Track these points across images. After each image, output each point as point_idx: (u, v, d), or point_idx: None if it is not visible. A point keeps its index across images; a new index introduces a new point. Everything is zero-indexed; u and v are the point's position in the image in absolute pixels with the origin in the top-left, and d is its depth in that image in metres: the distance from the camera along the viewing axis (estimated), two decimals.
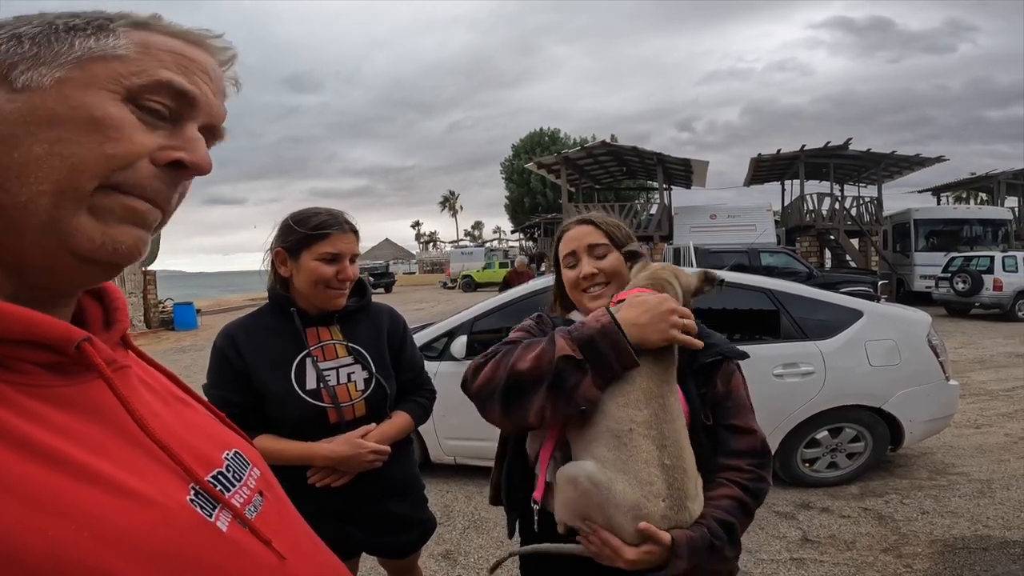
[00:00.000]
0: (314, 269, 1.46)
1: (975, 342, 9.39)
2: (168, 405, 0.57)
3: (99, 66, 0.47)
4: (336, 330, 1.56)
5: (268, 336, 1.51)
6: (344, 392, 1.51)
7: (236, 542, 0.50)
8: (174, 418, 0.56)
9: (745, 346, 3.47)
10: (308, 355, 1.50)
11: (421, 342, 3.94)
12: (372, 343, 1.59)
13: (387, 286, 32.32)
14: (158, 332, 15.15)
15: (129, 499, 0.43)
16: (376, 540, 1.61)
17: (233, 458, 0.59)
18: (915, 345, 3.65)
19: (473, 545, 3.19)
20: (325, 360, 1.52)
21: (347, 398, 1.51)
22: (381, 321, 1.66)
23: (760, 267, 11.67)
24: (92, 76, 0.46)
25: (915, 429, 3.67)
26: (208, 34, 0.53)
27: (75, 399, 0.46)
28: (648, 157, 18.04)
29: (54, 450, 0.41)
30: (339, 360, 1.53)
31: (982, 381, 6.59)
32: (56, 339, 0.44)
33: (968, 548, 2.95)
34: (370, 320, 1.63)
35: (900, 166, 18.21)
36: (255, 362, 1.46)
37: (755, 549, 3.01)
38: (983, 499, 3.51)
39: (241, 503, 0.55)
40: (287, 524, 0.61)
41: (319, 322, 1.54)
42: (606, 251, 1.28)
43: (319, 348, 1.52)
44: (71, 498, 0.40)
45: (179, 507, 0.47)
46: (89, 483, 0.42)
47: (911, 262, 15.75)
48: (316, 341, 1.52)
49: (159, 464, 0.48)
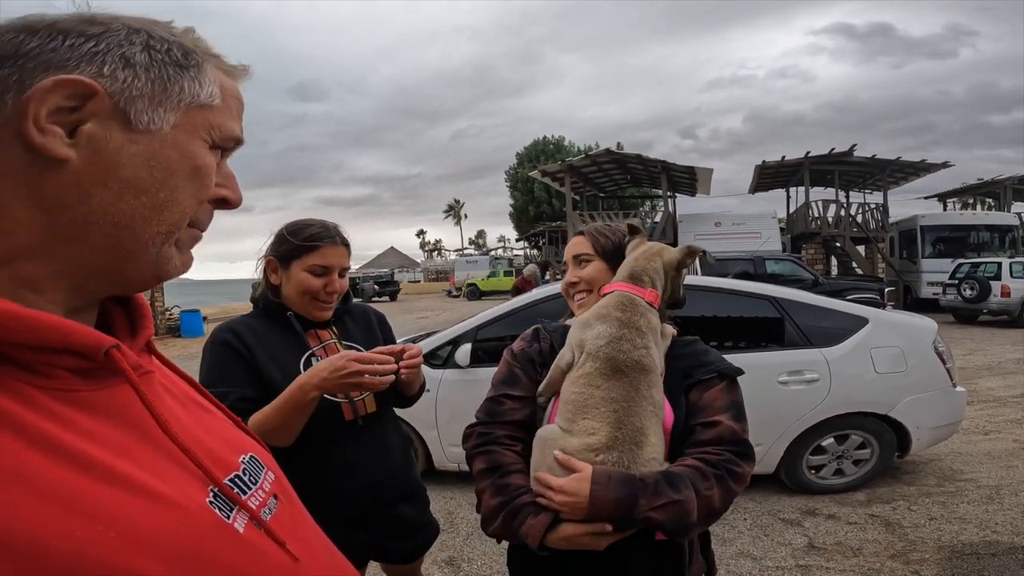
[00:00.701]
0: (302, 280, 1.48)
1: (983, 348, 9.32)
2: (187, 409, 0.58)
3: (198, 114, 0.51)
4: (332, 331, 1.59)
5: (269, 336, 1.50)
6: None
7: (252, 543, 0.51)
8: (193, 422, 0.57)
9: (750, 354, 3.53)
10: (312, 355, 1.51)
11: (426, 350, 3.96)
12: (367, 339, 1.64)
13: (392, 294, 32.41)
14: (165, 339, 15.24)
15: (152, 501, 0.44)
16: (382, 545, 1.61)
17: (249, 462, 0.60)
18: (921, 352, 3.64)
19: (476, 552, 3.19)
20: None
21: (357, 393, 1.51)
22: (369, 318, 1.73)
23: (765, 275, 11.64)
24: (194, 124, 0.51)
25: (922, 436, 3.65)
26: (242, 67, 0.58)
27: (102, 403, 0.47)
28: (652, 165, 18.05)
29: (82, 453, 0.42)
30: None
31: (990, 388, 6.54)
32: (88, 346, 0.45)
33: (977, 554, 2.92)
34: (358, 319, 1.69)
35: (905, 172, 18.14)
36: (263, 359, 1.45)
37: (760, 556, 3.00)
38: (992, 505, 3.48)
39: (257, 505, 0.56)
40: (301, 527, 0.62)
41: (315, 325, 1.56)
42: (588, 260, 1.38)
43: (321, 348, 1.54)
44: (97, 499, 0.41)
45: (199, 509, 0.48)
46: (114, 485, 0.43)
47: (918, 269, 15.68)
48: (317, 342, 1.54)
49: (180, 467, 0.49)
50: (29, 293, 0.45)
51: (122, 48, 0.47)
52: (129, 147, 0.46)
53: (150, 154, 0.47)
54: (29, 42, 0.44)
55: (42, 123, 0.43)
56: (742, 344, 3.69)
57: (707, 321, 3.64)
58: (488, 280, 31.05)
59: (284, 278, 1.52)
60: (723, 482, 1.09)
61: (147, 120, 0.47)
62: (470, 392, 3.72)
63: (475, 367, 3.76)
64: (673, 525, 1.05)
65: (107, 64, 0.46)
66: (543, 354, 1.31)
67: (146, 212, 0.47)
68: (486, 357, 3.84)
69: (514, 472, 1.17)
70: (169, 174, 0.48)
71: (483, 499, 1.19)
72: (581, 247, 1.39)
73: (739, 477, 1.12)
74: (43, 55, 0.44)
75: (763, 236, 16.05)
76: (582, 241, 1.40)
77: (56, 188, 0.44)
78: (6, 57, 0.44)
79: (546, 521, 1.08)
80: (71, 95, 0.44)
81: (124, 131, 0.46)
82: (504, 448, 1.22)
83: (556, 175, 19.59)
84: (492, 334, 3.92)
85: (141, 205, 0.47)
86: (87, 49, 0.45)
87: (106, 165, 0.45)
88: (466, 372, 3.77)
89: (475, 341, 3.84)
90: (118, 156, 0.46)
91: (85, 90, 0.44)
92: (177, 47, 0.50)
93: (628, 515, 1.04)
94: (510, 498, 1.13)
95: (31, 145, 0.43)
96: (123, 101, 0.46)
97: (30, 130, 0.42)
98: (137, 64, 0.47)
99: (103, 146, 0.45)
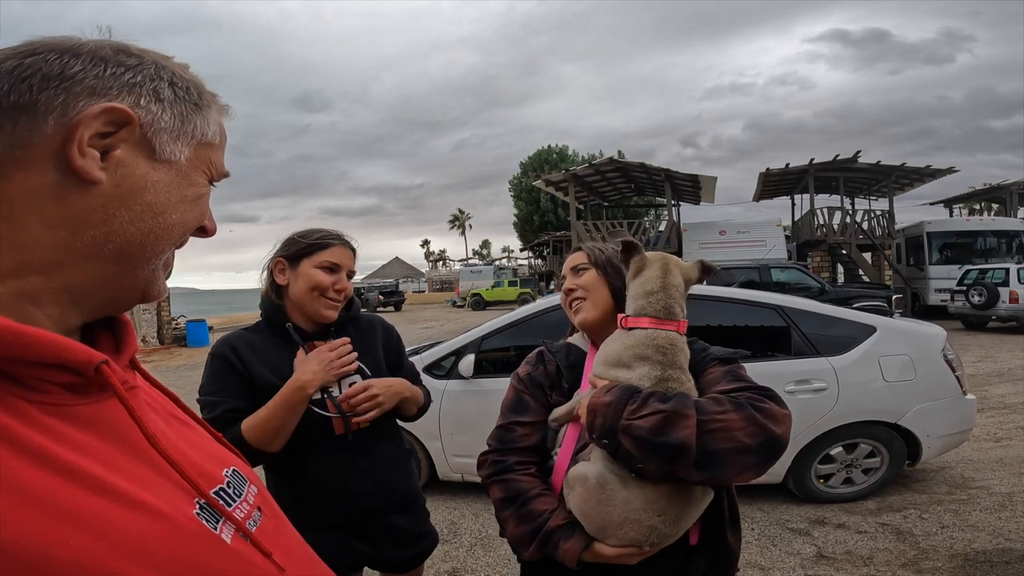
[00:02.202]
0: (312, 275, 1.50)
1: (993, 355, 9.24)
2: (169, 424, 0.60)
3: (204, 150, 0.56)
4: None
5: (268, 348, 1.53)
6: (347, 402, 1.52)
7: (240, 553, 0.53)
8: (176, 436, 0.58)
9: (756, 363, 3.50)
10: None
11: (429, 360, 3.97)
12: (369, 354, 1.63)
13: (397, 304, 32.44)
14: (171, 348, 15.31)
15: (142, 512, 0.46)
16: (380, 554, 1.61)
17: (232, 475, 0.61)
18: (930, 360, 3.61)
19: (480, 563, 3.16)
20: None
21: (350, 407, 1.51)
22: (375, 333, 1.70)
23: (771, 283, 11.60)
24: (200, 158, 0.56)
25: (932, 444, 3.61)
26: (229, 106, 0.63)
27: (91, 417, 0.48)
28: (656, 173, 18.08)
29: (74, 465, 0.44)
30: None
31: (1001, 395, 6.47)
32: (80, 362, 0.47)
33: (990, 561, 2.88)
34: (363, 332, 1.66)
35: (911, 178, 18.10)
36: (259, 371, 1.48)
37: (769, 566, 2.96)
38: (1004, 512, 3.44)
39: (242, 517, 0.57)
40: (285, 538, 0.64)
41: (316, 336, 1.56)
42: (585, 269, 1.39)
43: None
44: (90, 511, 0.42)
45: (187, 520, 0.49)
46: (106, 497, 0.44)
47: (925, 275, 15.59)
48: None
49: (167, 479, 0.50)
50: (31, 306, 0.47)
51: (154, 82, 0.52)
52: (152, 174, 0.51)
53: (169, 181, 0.52)
54: (74, 65, 0.47)
55: (84, 147, 0.46)
56: (748, 353, 3.66)
57: (713, 330, 3.62)
58: (492, 290, 31.11)
59: (292, 277, 1.53)
60: (743, 409, 1.02)
61: (168, 152, 0.52)
62: (473, 403, 3.73)
63: (479, 378, 3.75)
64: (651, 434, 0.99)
65: (143, 96, 0.50)
66: (550, 376, 1.32)
67: (159, 232, 0.52)
68: (490, 368, 3.83)
69: (534, 498, 1.19)
70: (181, 200, 0.53)
71: (508, 528, 1.22)
72: (578, 259, 1.42)
73: (766, 412, 1.03)
74: (88, 80, 0.47)
75: (768, 244, 16.03)
76: (579, 255, 1.43)
77: (83, 208, 0.47)
78: (51, 77, 0.46)
79: (580, 545, 1.10)
80: (110, 121, 0.48)
81: (148, 159, 0.51)
82: (519, 475, 1.24)
83: (560, 184, 19.64)
84: (496, 345, 3.91)
85: (157, 226, 0.52)
86: (127, 79, 0.50)
87: (133, 189, 0.50)
88: (469, 383, 3.75)
89: (479, 352, 3.83)
90: (144, 181, 0.50)
91: (124, 118, 0.48)
92: (193, 87, 0.55)
93: (615, 424, 1.03)
94: (538, 525, 1.16)
95: (71, 167, 0.46)
96: (151, 132, 0.51)
97: (73, 152, 0.46)
98: (165, 99, 0.52)
99: (131, 171, 0.49)
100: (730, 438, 0.98)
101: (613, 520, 1.07)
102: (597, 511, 1.08)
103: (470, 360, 3.75)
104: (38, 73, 0.46)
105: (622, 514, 1.06)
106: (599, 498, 1.08)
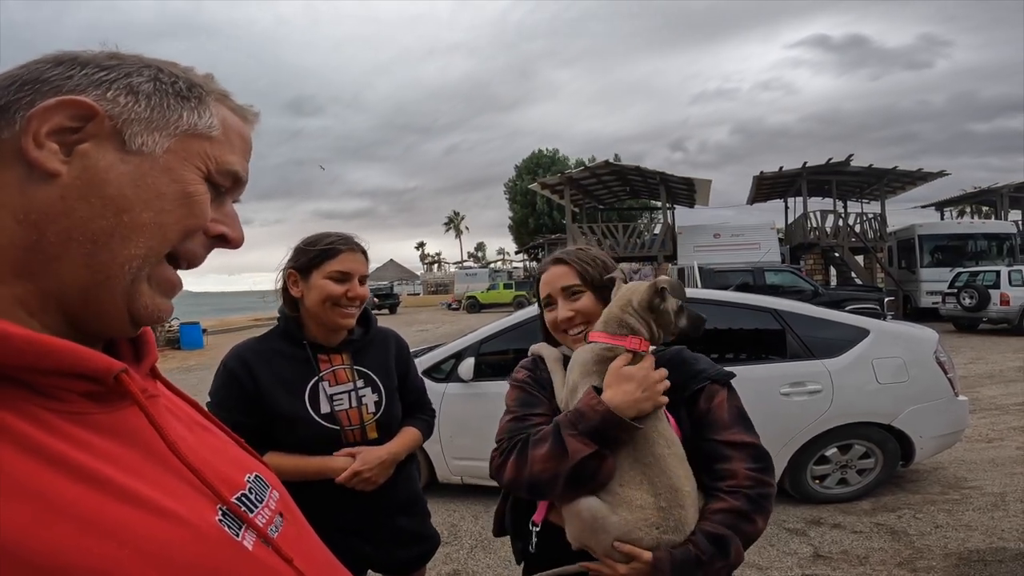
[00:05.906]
0: (323, 287, 1.50)
1: (984, 357, 9.33)
2: (192, 431, 0.60)
3: (195, 143, 0.52)
4: (346, 356, 1.60)
5: (280, 360, 1.54)
6: (356, 415, 1.55)
7: (261, 560, 0.53)
8: (199, 443, 0.58)
9: (751, 366, 3.53)
10: (320, 380, 1.53)
11: (428, 364, 3.98)
12: (381, 367, 1.64)
13: (392, 307, 32.34)
14: (164, 351, 15.19)
15: (164, 519, 0.46)
16: (384, 556, 1.62)
17: (254, 481, 0.61)
18: (923, 362, 3.66)
19: (480, 565, 3.18)
20: (336, 384, 1.55)
21: (359, 421, 1.54)
22: (388, 345, 1.71)
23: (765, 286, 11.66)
24: (189, 151, 0.52)
25: (926, 445, 3.66)
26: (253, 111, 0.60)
27: (112, 425, 0.48)
28: (651, 176, 18.14)
29: (97, 473, 0.44)
30: (350, 384, 1.57)
31: (992, 396, 6.55)
32: (99, 370, 0.47)
33: (984, 560, 2.93)
34: (377, 345, 1.67)
35: (902, 181, 18.22)
36: (268, 385, 1.49)
37: (766, 566, 3.00)
38: (998, 512, 3.49)
39: (264, 523, 0.57)
40: (306, 544, 0.64)
41: (329, 350, 1.58)
42: (580, 292, 1.28)
43: (331, 373, 1.55)
44: (114, 518, 0.43)
45: (209, 526, 0.49)
46: (129, 504, 0.44)
47: (917, 278, 15.73)
48: (328, 367, 1.56)
49: (189, 486, 0.51)
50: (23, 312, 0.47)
51: (129, 78, 0.50)
52: (119, 166, 0.48)
53: (139, 174, 0.48)
54: (52, 71, 0.48)
55: (41, 139, 0.45)
56: (743, 356, 3.71)
57: (708, 334, 3.65)
58: (488, 293, 31.04)
59: (305, 289, 1.53)
60: (762, 510, 1.14)
61: (140, 142, 0.49)
62: (473, 406, 3.75)
63: (478, 381, 3.78)
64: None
65: (111, 90, 0.48)
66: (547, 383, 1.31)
67: (125, 232, 0.48)
68: (489, 371, 3.85)
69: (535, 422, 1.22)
70: (155, 196, 0.49)
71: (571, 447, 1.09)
72: (569, 278, 1.29)
73: (771, 494, 1.17)
74: (58, 81, 0.47)
75: (762, 247, 16.10)
76: (567, 272, 1.30)
77: (44, 200, 0.46)
78: (28, 82, 0.47)
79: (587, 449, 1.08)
80: (73, 116, 0.46)
81: (117, 151, 0.48)
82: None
83: (555, 188, 19.67)
84: (495, 348, 3.93)
85: (121, 224, 0.48)
86: (98, 77, 0.48)
87: (93, 181, 0.47)
88: (469, 386, 3.78)
89: (478, 355, 3.85)
90: (106, 174, 0.47)
91: (86, 111, 0.47)
92: (184, 81, 0.53)
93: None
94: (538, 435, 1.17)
95: (26, 158, 0.45)
96: (120, 123, 0.48)
97: (28, 144, 0.45)
98: (140, 92, 0.50)
99: (93, 163, 0.47)
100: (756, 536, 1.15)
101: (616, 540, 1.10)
102: (596, 539, 1.12)
103: (470, 363, 3.78)
104: (19, 80, 0.47)
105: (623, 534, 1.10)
106: (593, 527, 1.11)
